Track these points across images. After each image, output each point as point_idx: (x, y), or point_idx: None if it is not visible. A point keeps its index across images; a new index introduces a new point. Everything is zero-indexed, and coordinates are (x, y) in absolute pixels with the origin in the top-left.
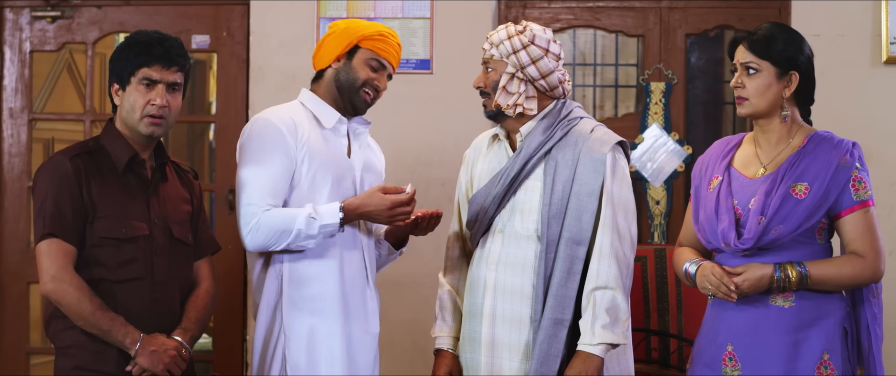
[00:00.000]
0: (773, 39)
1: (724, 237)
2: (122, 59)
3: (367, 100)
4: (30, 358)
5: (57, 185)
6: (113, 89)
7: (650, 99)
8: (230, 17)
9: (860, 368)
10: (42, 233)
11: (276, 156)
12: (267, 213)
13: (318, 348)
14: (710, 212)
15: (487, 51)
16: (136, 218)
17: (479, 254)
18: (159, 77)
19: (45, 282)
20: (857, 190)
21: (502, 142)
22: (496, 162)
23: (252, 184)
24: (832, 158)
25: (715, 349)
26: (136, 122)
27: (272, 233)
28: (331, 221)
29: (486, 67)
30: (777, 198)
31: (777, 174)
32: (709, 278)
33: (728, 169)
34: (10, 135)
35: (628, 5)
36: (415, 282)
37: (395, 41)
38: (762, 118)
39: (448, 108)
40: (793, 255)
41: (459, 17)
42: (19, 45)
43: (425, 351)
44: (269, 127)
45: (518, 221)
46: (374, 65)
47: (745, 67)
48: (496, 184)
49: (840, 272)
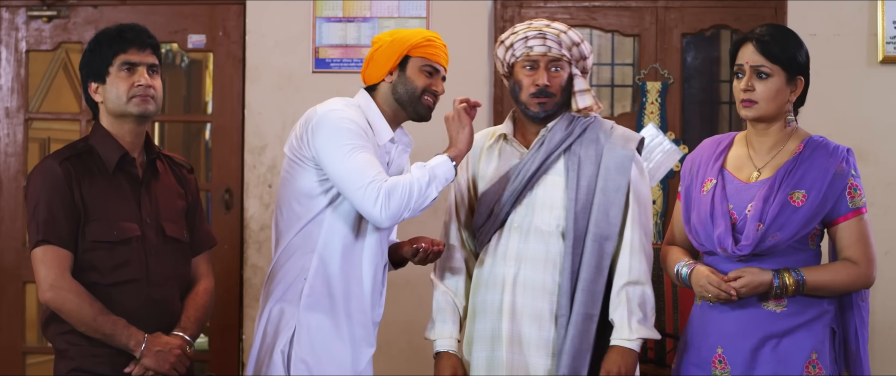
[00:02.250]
0: (785, 43)
1: (721, 242)
2: (96, 55)
3: (430, 105)
4: (26, 357)
5: (49, 191)
6: (91, 89)
7: (646, 98)
8: (226, 16)
9: (846, 370)
10: (36, 239)
11: (368, 143)
12: (387, 183)
13: (329, 349)
14: (704, 216)
15: (555, 50)
16: (126, 219)
17: (492, 250)
18: (138, 59)
19: (43, 290)
20: (853, 197)
21: (511, 141)
22: (505, 160)
23: (359, 164)
24: (829, 166)
25: (705, 350)
26: (124, 106)
27: (402, 196)
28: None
29: (552, 68)
30: (775, 205)
31: (774, 180)
32: (707, 287)
33: (721, 171)
34: (6, 134)
35: (624, 5)
36: (409, 283)
37: (441, 43)
38: (765, 122)
39: (444, 108)
40: (786, 261)
41: (455, 16)
42: (15, 44)
43: (421, 351)
44: (354, 124)
45: (539, 217)
46: (429, 70)
47: (756, 70)
48: (513, 180)
49: (835, 279)
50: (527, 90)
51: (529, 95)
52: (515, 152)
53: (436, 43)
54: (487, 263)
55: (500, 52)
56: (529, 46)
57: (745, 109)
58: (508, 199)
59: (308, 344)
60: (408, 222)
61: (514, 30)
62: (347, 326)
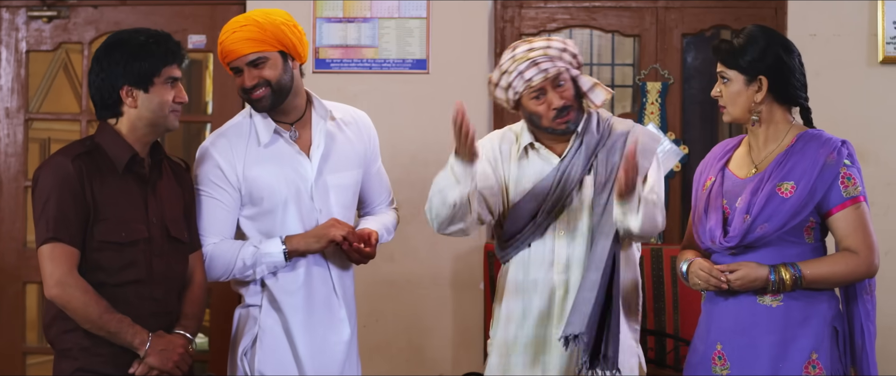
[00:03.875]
0: (740, 48)
1: (711, 235)
2: (142, 61)
3: (255, 98)
4: (26, 358)
5: (60, 187)
6: (124, 93)
7: (646, 99)
8: (226, 17)
9: (853, 368)
10: (45, 236)
11: (215, 188)
12: (210, 249)
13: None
14: (700, 212)
15: (552, 69)
16: (135, 220)
17: (535, 257)
18: (179, 74)
19: (50, 286)
20: (847, 186)
21: (541, 149)
22: (536, 169)
23: (201, 217)
24: (819, 156)
25: (706, 348)
26: (165, 118)
27: (221, 269)
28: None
29: (558, 84)
30: (762, 196)
31: (765, 173)
32: (697, 273)
33: (722, 170)
34: (7, 135)
35: (624, 5)
36: (410, 282)
37: (229, 36)
38: (743, 123)
39: (444, 108)
40: (780, 254)
41: (455, 16)
42: (15, 44)
43: (421, 351)
44: (206, 165)
45: (579, 221)
46: (237, 71)
47: (720, 76)
48: (555, 187)
49: (834, 270)
50: (547, 116)
51: (552, 119)
52: (545, 160)
53: (224, 43)
54: (523, 270)
55: (500, 94)
56: (528, 79)
57: (722, 114)
58: (554, 205)
59: (268, 347)
60: (406, 223)
61: (504, 69)
62: (304, 324)
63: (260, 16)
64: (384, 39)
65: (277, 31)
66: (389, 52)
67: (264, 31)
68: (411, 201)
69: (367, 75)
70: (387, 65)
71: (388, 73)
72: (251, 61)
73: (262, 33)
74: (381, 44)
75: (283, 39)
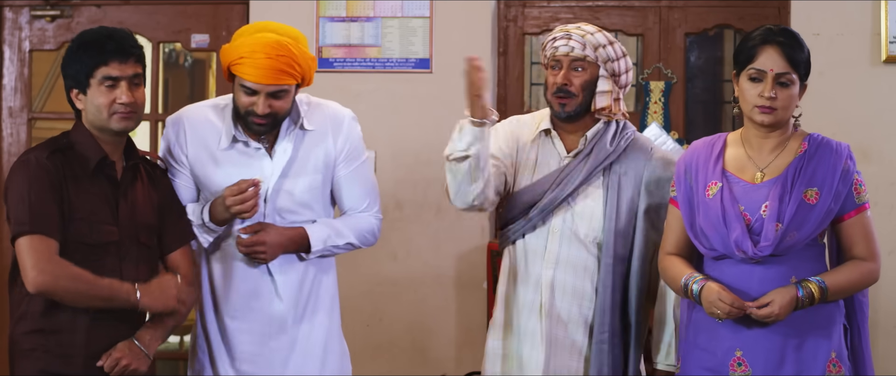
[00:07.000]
0: (802, 49)
1: (739, 245)
2: (76, 63)
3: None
4: None
5: (38, 183)
6: (72, 94)
7: (649, 98)
8: (229, 16)
9: (853, 369)
10: (22, 230)
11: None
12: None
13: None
14: (715, 220)
15: (578, 50)
16: (106, 222)
17: (530, 249)
18: (119, 73)
19: (33, 275)
20: (859, 193)
21: (554, 137)
22: (544, 157)
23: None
24: (837, 163)
25: (722, 354)
26: (105, 121)
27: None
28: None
29: (575, 67)
30: (792, 204)
31: (785, 179)
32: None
33: (724, 174)
34: (10, 134)
35: (628, 4)
36: (413, 282)
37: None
38: (777, 129)
39: (447, 107)
40: (800, 258)
41: (459, 16)
42: (19, 44)
43: (424, 350)
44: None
45: (579, 226)
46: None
47: (779, 78)
48: (555, 186)
49: (851, 280)
50: (550, 89)
51: (552, 94)
52: (555, 152)
53: (248, 60)
54: (522, 261)
55: (542, 58)
56: (555, 47)
57: (762, 115)
58: (549, 205)
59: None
60: (409, 222)
61: (552, 34)
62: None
63: (293, 46)
64: (387, 39)
65: (305, 64)
66: (392, 52)
67: (296, 66)
68: (414, 201)
69: (370, 75)
70: (390, 64)
71: (391, 72)
72: (273, 92)
73: (294, 68)
74: (385, 43)
75: (305, 71)
